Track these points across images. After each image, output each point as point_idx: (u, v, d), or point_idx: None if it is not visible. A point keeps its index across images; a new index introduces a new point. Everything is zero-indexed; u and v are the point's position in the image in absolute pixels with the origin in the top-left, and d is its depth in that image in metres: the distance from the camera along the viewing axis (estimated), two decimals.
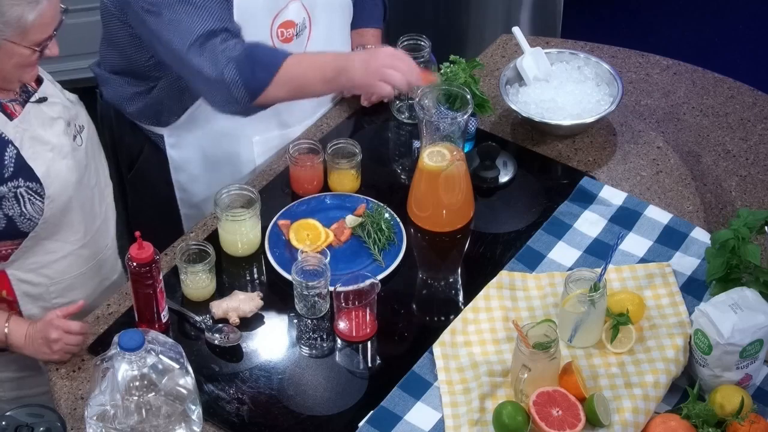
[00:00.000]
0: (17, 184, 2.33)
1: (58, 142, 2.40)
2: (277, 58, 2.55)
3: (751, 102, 3.08)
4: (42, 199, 2.37)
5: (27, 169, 2.34)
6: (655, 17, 4.91)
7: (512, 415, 2.16)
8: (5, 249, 2.41)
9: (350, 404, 2.29)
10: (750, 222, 2.37)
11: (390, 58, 2.56)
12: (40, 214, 2.38)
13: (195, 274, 2.45)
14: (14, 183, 2.33)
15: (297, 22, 2.70)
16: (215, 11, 2.54)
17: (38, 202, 2.37)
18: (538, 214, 2.67)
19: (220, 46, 2.52)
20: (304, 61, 2.59)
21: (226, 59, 2.52)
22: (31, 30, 2.25)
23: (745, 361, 2.24)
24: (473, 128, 2.80)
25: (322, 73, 2.58)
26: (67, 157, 2.41)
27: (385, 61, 2.55)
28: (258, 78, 2.53)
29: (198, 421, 2.19)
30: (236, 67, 2.52)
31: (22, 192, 2.34)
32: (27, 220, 2.38)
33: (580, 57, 2.98)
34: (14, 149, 2.32)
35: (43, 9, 2.24)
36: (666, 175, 2.77)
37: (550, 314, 2.40)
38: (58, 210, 2.41)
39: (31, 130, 2.36)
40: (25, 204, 2.35)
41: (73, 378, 2.35)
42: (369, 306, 2.39)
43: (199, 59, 2.53)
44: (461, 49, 3.23)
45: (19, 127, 2.34)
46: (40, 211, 2.38)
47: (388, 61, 2.55)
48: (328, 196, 2.69)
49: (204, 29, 2.52)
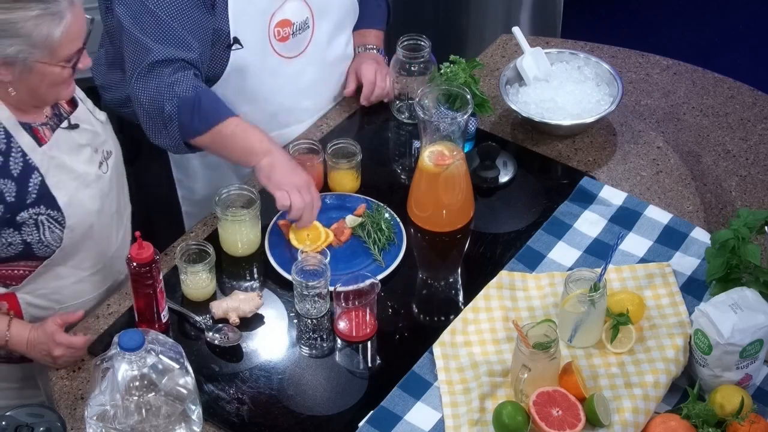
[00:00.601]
0: (38, 211, 2.31)
1: (83, 171, 2.38)
2: (219, 116, 2.55)
3: (751, 102, 3.08)
4: (62, 227, 2.35)
5: (50, 197, 2.32)
6: (655, 17, 4.91)
7: (512, 415, 2.16)
8: (19, 270, 2.39)
9: (350, 404, 2.29)
10: (750, 222, 2.37)
11: (294, 186, 2.49)
12: (58, 242, 2.36)
13: (195, 274, 2.45)
14: (36, 210, 2.31)
15: (294, 21, 2.70)
16: (180, 35, 2.54)
17: (57, 231, 2.35)
18: (538, 214, 2.67)
19: (169, 78, 2.53)
20: (241, 126, 2.56)
21: (171, 94, 2.53)
22: (60, 47, 2.22)
23: (745, 361, 2.24)
24: (473, 128, 2.80)
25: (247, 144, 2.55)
26: (91, 186, 2.40)
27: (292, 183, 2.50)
28: (194, 126, 2.55)
29: (198, 421, 2.19)
30: (178, 106, 2.53)
31: (43, 220, 2.32)
32: (44, 247, 2.35)
33: (580, 57, 2.98)
34: (39, 176, 2.30)
35: (68, 23, 2.20)
36: (666, 175, 2.77)
37: (550, 314, 2.40)
38: (76, 239, 2.39)
39: (59, 157, 2.34)
40: (44, 231, 2.33)
41: (73, 378, 2.35)
42: (369, 306, 2.39)
43: (141, 87, 2.55)
44: (461, 49, 3.23)
45: (46, 154, 2.32)
46: (59, 240, 2.36)
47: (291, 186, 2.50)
48: (328, 196, 2.69)
49: (158, 57, 2.52)
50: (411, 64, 2.84)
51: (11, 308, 2.43)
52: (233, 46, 2.65)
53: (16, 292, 2.42)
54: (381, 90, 2.90)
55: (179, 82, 2.54)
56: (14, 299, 2.43)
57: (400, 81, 2.87)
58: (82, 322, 2.45)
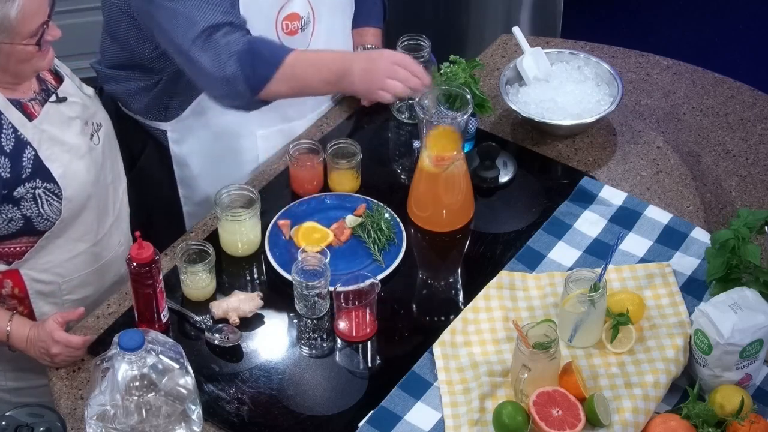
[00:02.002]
0: (35, 185, 2.34)
1: (76, 143, 2.40)
2: (279, 55, 2.55)
3: (751, 102, 3.08)
4: (60, 199, 2.37)
5: (44, 171, 2.34)
6: (655, 17, 4.91)
7: (512, 415, 2.16)
8: (21, 246, 2.42)
9: (350, 404, 2.29)
10: (750, 222, 2.36)
11: (390, 66, 2.54)
12: (57, 214, 2.39)
13: (195, 274, 2.45)
14: (32, 184, 2.33)
15: (302, 15, 2.70)
16: (219, 3, 2.53)
17: (56, 203, 2.37)
18: (538, 214, 2.67)
19: (223, 40, 2.52)
20: (307, 59, 2.58)
21: (228, 54, 2.51)
22: (19, 25, 2.22)
23: (745, 361, 2.24)
24: (473, 128, 2.80)
25: (322, 75, 2.58)
26: (84, 157, 2.42)
27: (385, 69, 2.54)
28: (259, 74, 2.53)
29: (198, 421, 2.19)
30: (238, 62, 2.51)
31: (40, 193, 2.35)
32: (44, 220, 2.38)
33: (580, 57, 2.98)
34: (32, 150, 2.32)
35: (22, 1, 2.20)
36: (666, 175, 2.77)
37: (550, 314, 2.40)
38: (75, 210, 2.42)
39: (50, 131, 2.36)
40: (42, 205, 2.36)
41: (73, 378, 2.35)
42: (369, 306, 2.39)
43: (201, 55, 2.52)
44: (461, 49, 3.23)
45: (38, 128, 2.34)
46: (58, 212, 2.39)
47: (388, 70, 2.54)
48: (328, 196, 2.69)
49: (207, 23, 2.51)
50: None
51: (15, 285, 2.46)
52: None
53: (20, 268, 2.44)
54: None
55: (232, 42, 2.53)
56: (18, 276, 2.45)
57: None
58: (82, 322, 2.45)
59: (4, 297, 2.48)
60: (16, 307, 2.49)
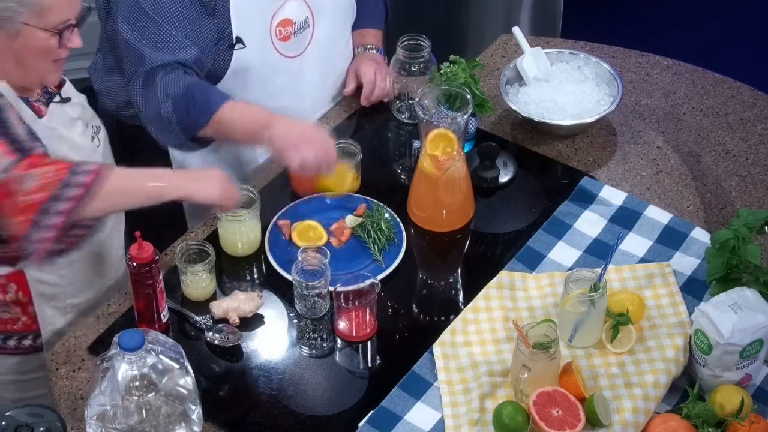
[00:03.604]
0: None
1: (81, 143, 2.41)
2: (215, 103, 2.56)
3: (751, 102, 3.08)
4: None
5: None
6: (655, 17, 4.91)
7: (512, 415, 2.16)
8: None
9: (350, 404, 2.29)
10: (750, 222, 2.37)
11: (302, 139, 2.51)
12: None
13: (195, 274, 2.45)
14: None
15: (295, 20, 2.70)
16: (175, 38, 2.55)
17: None
18: (538, 214, 2.67)
19: (161, 81, 2.55)
20: (237, 109, 2.58)
21: (165, 96, 2.55)
22: (49, 11, 2.21)
23: (745, 361, 2.24)
24: (473, 128, 2.80)
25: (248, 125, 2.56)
26: (89, 158, 2.42)
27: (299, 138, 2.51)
28: (192, 120, 2.57)
29: (198, 421, 2.19)
30: (173, 106, 2.55)
31: None
32: None
33: (580, 57, 2.98)
34: (43, 147, 2.32)
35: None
36: (666, 175, 2.77)
37: (550, 314, 2.40)
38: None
39: (57, 129, 2.37)
40: None
41: (73, 378, 2.35)
42: (369, 306, 2.39)
43: (139, 95, 2.59)
44: (461, 49, 3.23)
45: (47, 126, 2.35)
46: None
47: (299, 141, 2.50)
48: (328, 196, 2.69)
49: (151, 64, 2.55)
50: (411, 64, 2.84)
51: (20, 289, 2.45)
52: (236, 46, 2.66)
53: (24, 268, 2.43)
54: (381, 90, 2.90)
55: (170, 83, 2.56)
56: (22, 278, 2.45)
57: (400, 81, 2.87)
58: (82, 322, 2.45)
59: (8, 303, 2.47)
60: (19, 316, 2.48)
